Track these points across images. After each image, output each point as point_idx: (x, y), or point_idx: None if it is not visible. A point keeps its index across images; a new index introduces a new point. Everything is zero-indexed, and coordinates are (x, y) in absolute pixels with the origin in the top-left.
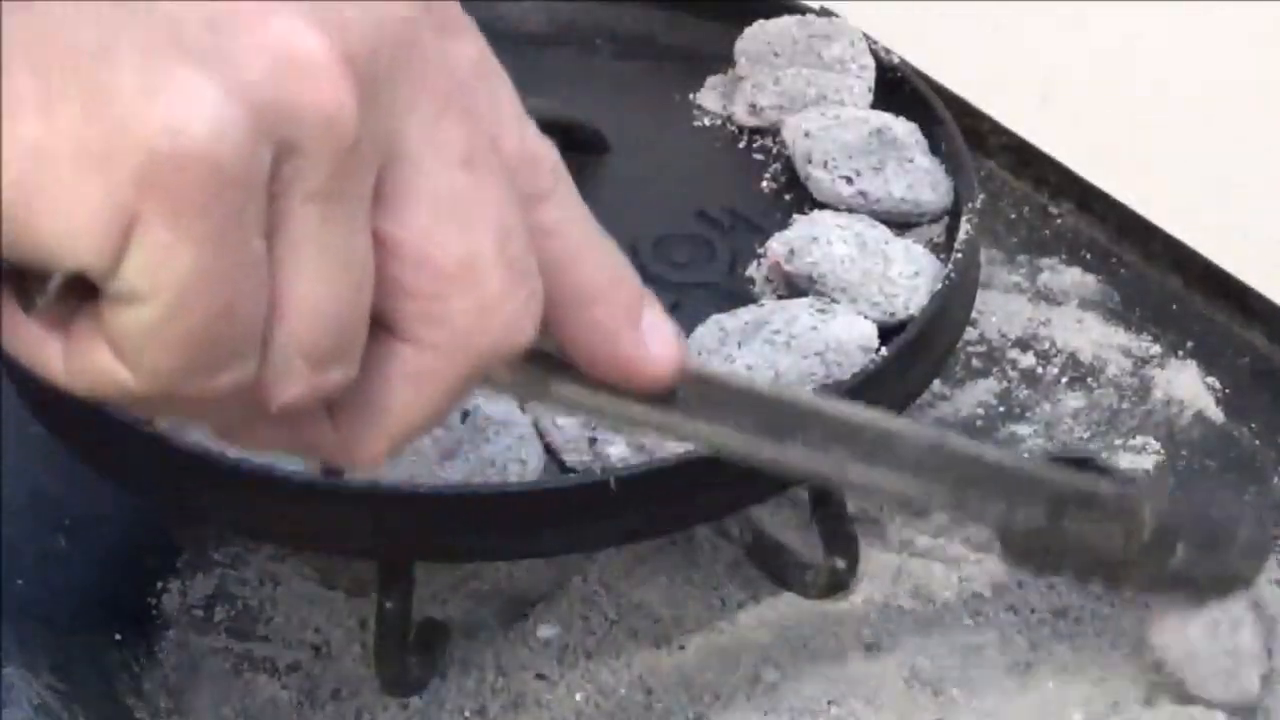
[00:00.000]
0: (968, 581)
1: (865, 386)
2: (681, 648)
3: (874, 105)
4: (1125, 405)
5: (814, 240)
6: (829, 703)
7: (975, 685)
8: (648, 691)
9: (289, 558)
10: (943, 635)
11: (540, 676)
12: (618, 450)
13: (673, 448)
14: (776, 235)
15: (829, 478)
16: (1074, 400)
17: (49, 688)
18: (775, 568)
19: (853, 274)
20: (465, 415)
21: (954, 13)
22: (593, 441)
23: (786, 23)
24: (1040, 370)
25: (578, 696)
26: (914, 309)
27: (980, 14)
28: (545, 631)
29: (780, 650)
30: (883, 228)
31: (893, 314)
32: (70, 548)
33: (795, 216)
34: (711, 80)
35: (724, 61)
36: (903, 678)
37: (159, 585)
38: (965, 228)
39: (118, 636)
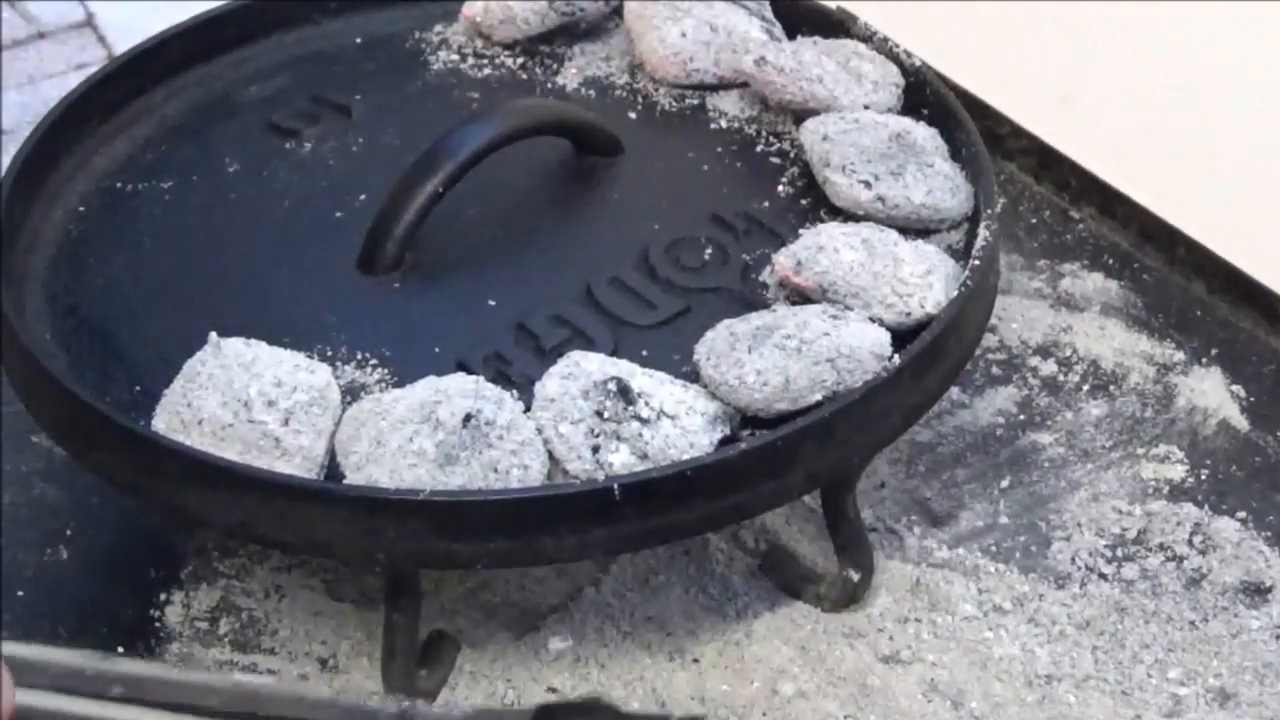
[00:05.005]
0: (987, 593)
1: (877, 394)
2: (696, 660)
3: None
4: (1148, 413)
5: (820, 250)
6: (846, 717)
7: (995, 698)
8: (661, 705)
9: (295, 569)
10: (962, 647)
11: (552, 689)
12: (621, 457)
13: (676, 455)
14: (783, 250)
15: None
16: (1096, 408)
17: None
18: (788, 579)
19: (863, 278)
20: (468, 419)
21: (974, 14)
22: (595, 449)
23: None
24: (1061, 378)
25: None
26: (930, 307)
27: (1001, 16)
28: (557, 644)
29: (797, 663)
30: (891, 230)
31: (909, 314)
32: (71, 559)
33: (808, 224)
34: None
35: None
36: (921, 690)
37: (162, 597)
38: (984, 234)
39: (120, 649)
